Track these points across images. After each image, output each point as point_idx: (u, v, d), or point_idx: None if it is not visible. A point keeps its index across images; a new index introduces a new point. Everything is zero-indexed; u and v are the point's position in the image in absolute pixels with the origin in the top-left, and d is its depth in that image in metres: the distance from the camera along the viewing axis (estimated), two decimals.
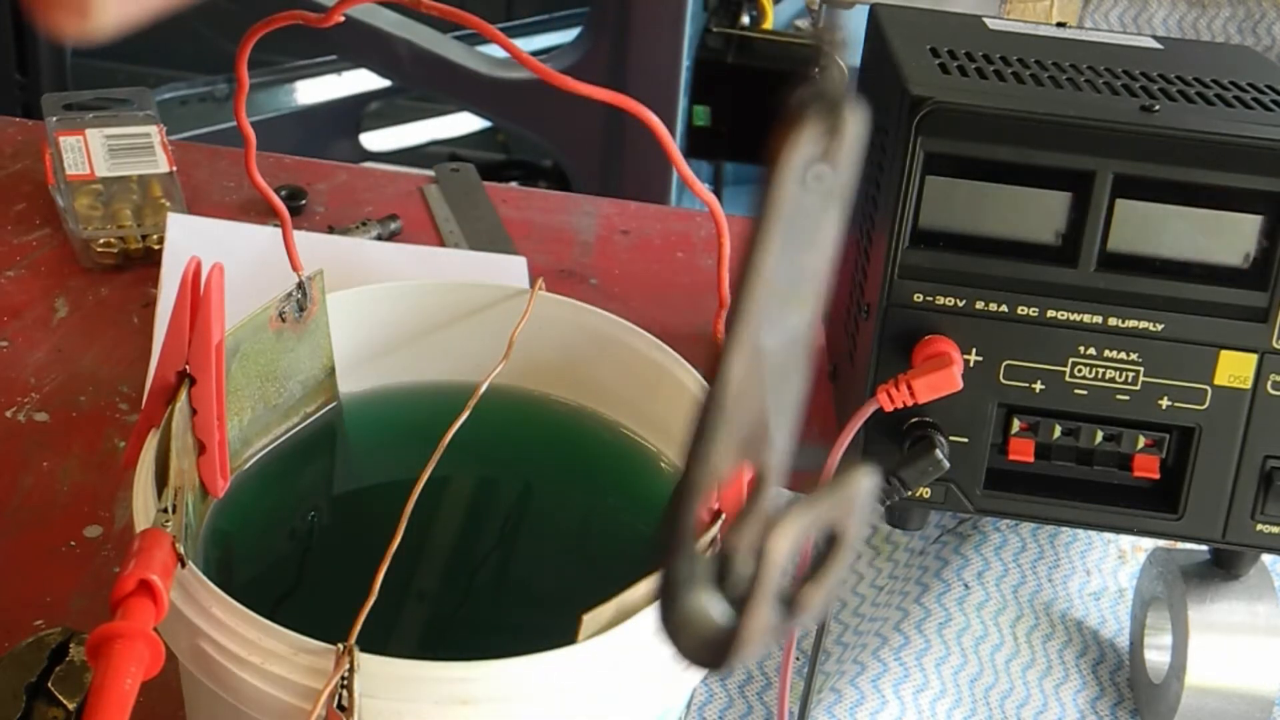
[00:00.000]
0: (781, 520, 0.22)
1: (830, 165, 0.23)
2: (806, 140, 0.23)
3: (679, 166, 0.48)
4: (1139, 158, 0.52)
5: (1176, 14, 1.11)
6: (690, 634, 0.23)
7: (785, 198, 0.22)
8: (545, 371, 0.59)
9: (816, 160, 0.23)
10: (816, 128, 0.23)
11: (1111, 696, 0.62)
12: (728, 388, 0.23)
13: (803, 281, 0.24)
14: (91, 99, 0.95)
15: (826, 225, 0.24)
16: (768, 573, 0.22)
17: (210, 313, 0.47)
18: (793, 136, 0.22)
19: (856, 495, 0.23)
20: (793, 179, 0.22)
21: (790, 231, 0.23)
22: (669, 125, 1.72)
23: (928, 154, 0.53)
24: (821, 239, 0.24)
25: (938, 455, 0.53)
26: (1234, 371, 0.54)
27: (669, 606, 0.23)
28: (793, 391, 0.24)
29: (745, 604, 0.22)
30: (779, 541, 0.22)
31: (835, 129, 0.23)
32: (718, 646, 0.23)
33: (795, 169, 0.22)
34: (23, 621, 0.59)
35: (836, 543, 0.23)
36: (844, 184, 0.23)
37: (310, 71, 2.01)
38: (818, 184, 0.23)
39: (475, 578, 0.54)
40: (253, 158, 0.52)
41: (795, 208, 0.23)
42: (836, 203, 0.24)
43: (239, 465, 0.53)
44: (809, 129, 0.22)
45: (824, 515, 0.23)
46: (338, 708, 0.39)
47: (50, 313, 0.81)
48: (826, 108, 0.22)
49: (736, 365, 0.23)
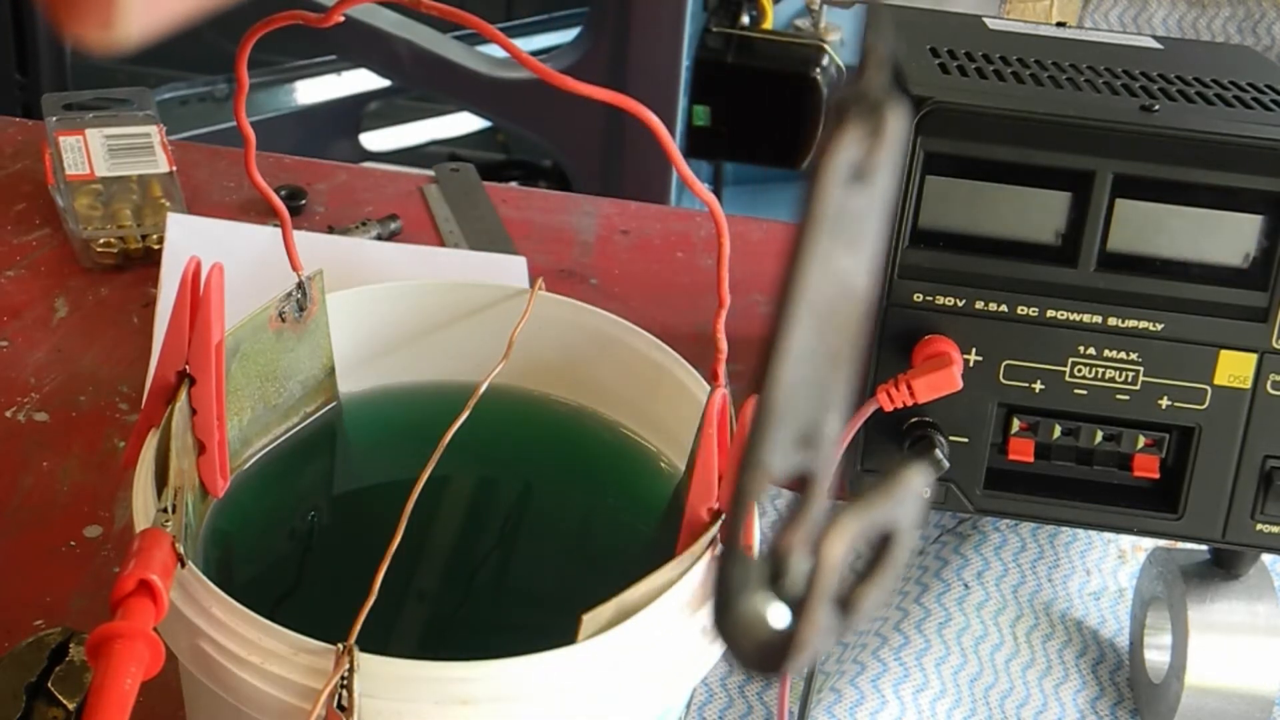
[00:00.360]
0: (836, 522, 0.22)
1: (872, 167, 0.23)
2: (849, 142, 0.22)
3: (679, 166, 0.48)
4: (1139, 157, 0.52)
5: (1176, 14, 1.11)
6: (747, 639, 0.23)
7: (829, 201, 0.22)
8: (545, 371, 0.59)
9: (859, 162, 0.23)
10: (859, 129, 0.22)
11: (1111, 696, 0.62)
12: (776, 393, 0.22)
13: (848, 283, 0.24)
14: (91, 99, 0.95)
15: (870, 227, 0.24)
16: (824, 576, 0.22)
17: (210, 313, 0.47)
18: (835, 139, 0.22)
19: (910, 494, 0.23)
20: (835, 182, 0.22)
21: (834, 234, 0.23)
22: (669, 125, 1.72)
23: (928, 154, 0.53)
24: (866, 240, 0.24)
25: (937, 455, 0.53)
26: (1234, 371, 0.54)
27: (724, 612, 0.23)
28: (839, 392, 0.24)
29: (802, 607, 0.22)
30: (834, 544, 0.22)
31: (877, 130, 0.22)
32: (775, 650, 0.23)
33: (838, 172, 0.22)
34: (23, 621, 0.59)
35: (890, 542, 0.23)
36: (887, 185, 0.23)
37: (310, 71, 2.01)
38: (860, 186, 0.23)
39: (475, 578, 0.54)
40: (252, 158, 0.52)
41: (839, 210, 0.23)
42: (880, 204, 0.23)
43: (239, 465, 0.53)
44: (851, 131, 0.22)
45: (879, 515, 0.23)
46: (337, 708, 0.39)
47: (50, 313, 0.81)
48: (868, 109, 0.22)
49: (784, 370, 0.22)
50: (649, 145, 0.47)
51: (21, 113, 1.63)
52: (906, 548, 0.23)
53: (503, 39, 0.48)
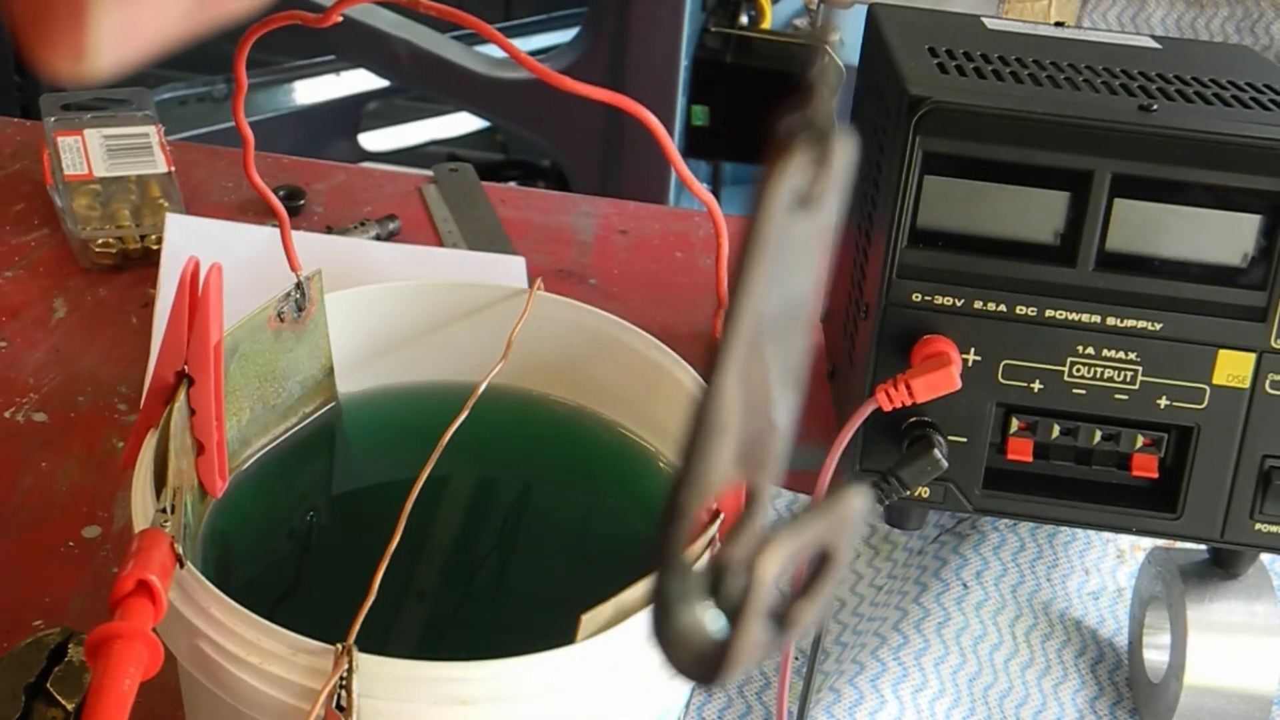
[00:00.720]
0: (772, 541, 0.23)
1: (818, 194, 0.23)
2: (793, 170, 0.23)
3: (677, 166, 0.48)
4: (1137, 157, 0.52)
5: (1175, 13, 1.11)
6: (683, 648, 0.23)
7: (771, 228, 0.22)
8: (544, 371, 0.59)
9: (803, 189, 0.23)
10: (804, 157, 0.23)
11: (1110, 696, 0.62)
12: (719, 409, 0.23)
13: (792, 305, 0.24)
14: (90, 99, 0.95)
15: (814, 251, 0.24)
16: (757, 593, 0.22)
17: (209, 313, 0.47)
18: (781, 166, 0.22)
19: (848, 515, 0.24)
20: (779, 209, 0.23)
21: (778, 258, 0.23)
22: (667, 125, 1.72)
23: (926, 153, 0.53)
24: (809, 265, 0.24)
25: (936, 455, 0.53)
26: (1232, 371, 0.54)
27: (661, 621, 0.23)
28: (785, 410, 0.24)
29: (735, 622, 0.23)
30: (768, 562, 0.22)
31: (823, 159, 0.23)
32: (710, 661, 0.23)
33: (781, 199, 0.23)
34: (21, 622, 0.59)
35: (827, 561, 0.24)
36: (831, 213, 0.24)
37: (309, 72, 2.01)
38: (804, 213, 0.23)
39: (474, 578, 0.54)
40: (251, 158, 0.52)
41: (782, 236, 0.23)
42: (823, 230, 0.24)
43: (237, 465, 0.53)
44: (796, 158, 0.23)
45: (816, 534, 0.23)
46: (336, 708, 0.39)
47: (49, 313, 0.81)
48: (815, 137, 0.23)
49: (728, 388, 0.23)
50: (648, 145, 0.47)
51: (20, 113, 1.63)
52: (841, 567, 0.24)
53: (501, 39, 0.48)
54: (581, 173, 1.75)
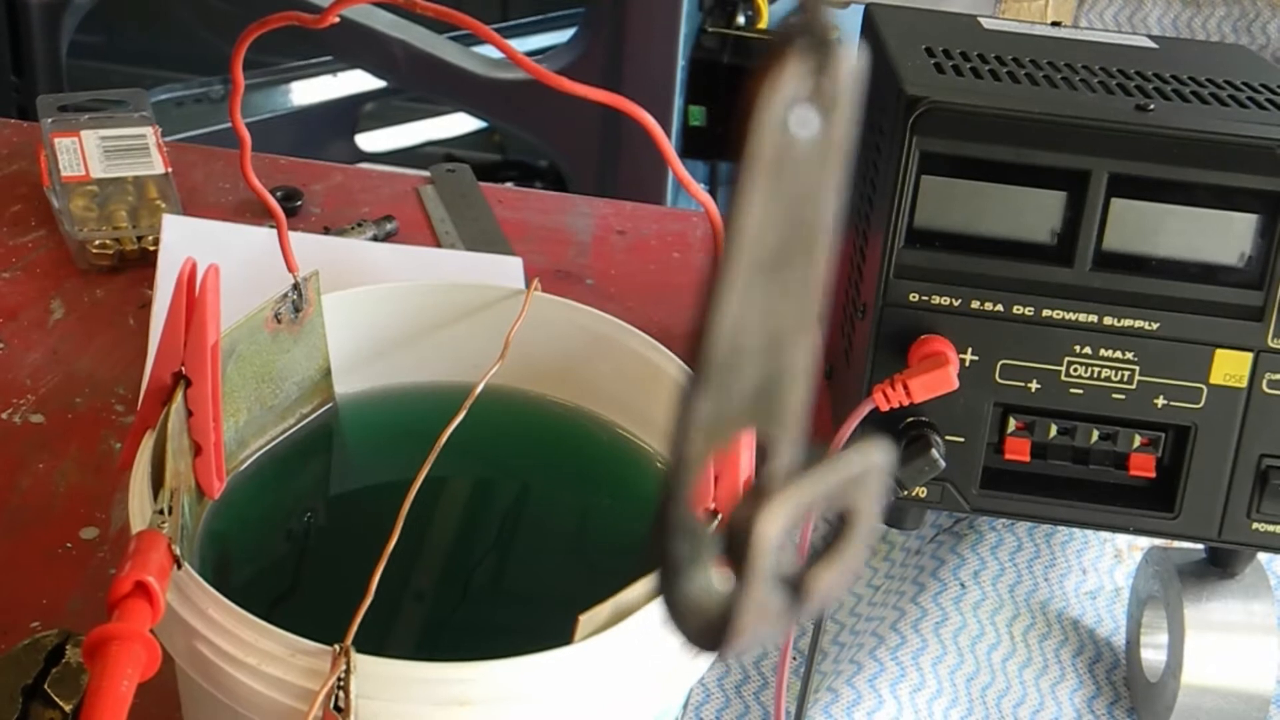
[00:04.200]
0: (771, 498, 0.21)
1: (820, 107, 0.20)
2: (790, 78, 0.20)
3: (674, 167, 0.48)
4: (1134, 157, 0.53)
5: (1171, 13, 1.11)
6: (692, 614, 0.21)
7: (768, 141, 0.20)
8: (541, 372, 0.59)
9: (803, 101, 0.20)
10: (801, 64, 0.20)
11: (1108, 695, 0.62)
12: (712, 354, 0.20)
13: (803, 231, 0.21)
14: (87, 100, 0.94)
15: (824, 173, 0.21)
16: (757, 554, 0.20)
17: (206, 314, 0.47)
18: (773, 74, 0.20)
19: (868, 471, 0.21)
20: (774, 122, 0.20)
21: (778, 183, 0.20)
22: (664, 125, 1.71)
23: (923, 154, 0.53)
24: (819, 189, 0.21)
25: (934, 455, 0.54)
26: (1229, 370, 0.54)
27: (669, 585, 0.21)
28: (800, 355, 0.22)
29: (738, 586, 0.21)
30: (767, 521, 0.20)
31: (824, 66, 0.20)
32: (718, 628, 0.21)
33: (777, 111, 0.20)
34: (19, 623, 0.59)
35: (849, 523, 0.21)
36: (839, 126, 0.21)
37: (305, 72, 2.01)
38: (805, 128, 0.20)
39: (472, 578, 0.54)
40: (248, 159, 0.52)
41: (782, 156, 0.20)
42: (834, 148, 0.21)
43: (235, 466, 0.53)
44: (792, 65, 0.20)
45: (828, 493, 0.21)
46: (334, 709, 0.39)
47: (46, 314, 0.81)
48: (813, 42, 0.20)
49: (722, 330, 0.20)
50: (645, 145, 0.47)
51: (17, 114, 1.63)
52: (866, 530, 0.22)
53: (498, 40, 0.48)
54: (579, 173, 1.75)
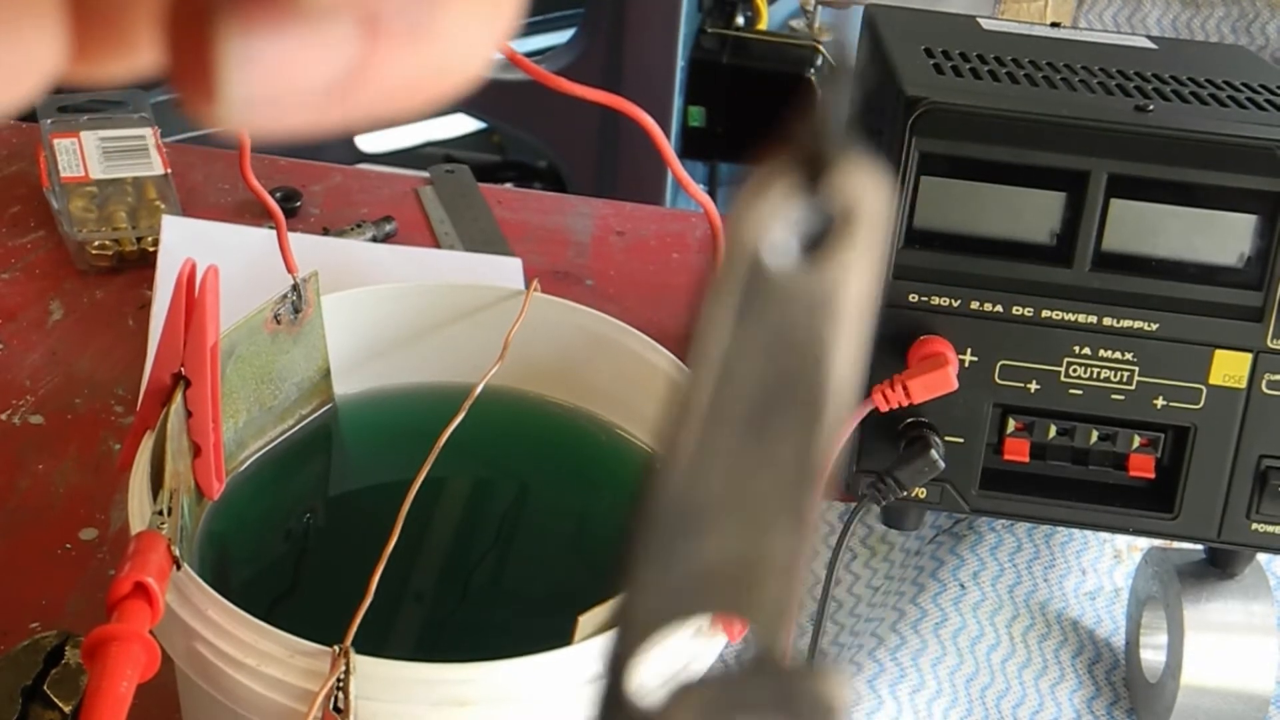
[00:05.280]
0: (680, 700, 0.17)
1: (809, 236, 0.16)
2: (767, 193, 0.16)
3: (674, 167, 0.49)
4: (1133, 158, 0.52)
5: (1170, 14, 1.11)
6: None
7: (731, 268, 0.16)
8: (541, 373, 0.59)
9: (784, 226, 0.16)
10: (787, 177, 0.16)
11: (1107, 696, 0.62)
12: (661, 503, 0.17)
13: (791, 398, 0.17)
14: (86, 101, 0.94)
15: (821, 321, 0.16)
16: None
17: (205, 315, 0.47)
18: (754, 187, 0.15)
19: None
20: (741, 244, 0.16)
21: (747, 322, 0.16)
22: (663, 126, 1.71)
23: (922, 154, 0.53)
24: (813, 339, 0.17)
25: (933, 455, 0.54)
26: (1229, 371, 0.54)
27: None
28: (782, 543, 0.18)
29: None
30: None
31: (821, 183, 0.16)
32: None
33: (747, 231, 0.16)
34: (19, 624, 0.59)
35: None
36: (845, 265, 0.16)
37: None
38: (782, 259, 0.16)
39: (471, 579, 0.54)
40: (247, 160, 0.52)
41: (751, 288, 0.16)
42: (833, 289, 0.16)
43: (234, 467, 0.53)
44: (773, 175, 0.16)
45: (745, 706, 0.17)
46: (334, 710, 0.39)
47: (45, 315, 0.81)
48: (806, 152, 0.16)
49: (675, 472, 0.17)
50: (644, 146, 0.47)
51: (16, 115, 1.62)
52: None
53: None
54: (578, 174, 1.75)
